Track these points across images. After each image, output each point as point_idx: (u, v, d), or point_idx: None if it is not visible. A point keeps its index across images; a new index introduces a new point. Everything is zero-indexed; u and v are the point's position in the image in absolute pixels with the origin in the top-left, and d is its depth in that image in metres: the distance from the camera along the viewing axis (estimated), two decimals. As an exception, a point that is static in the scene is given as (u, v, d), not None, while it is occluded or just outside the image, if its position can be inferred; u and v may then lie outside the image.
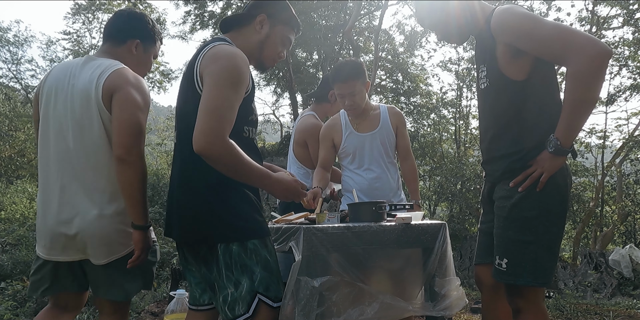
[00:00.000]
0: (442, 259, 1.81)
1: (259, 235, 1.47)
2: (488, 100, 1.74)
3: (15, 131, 21.28)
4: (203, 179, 1.46)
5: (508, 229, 1.64)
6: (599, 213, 12.05)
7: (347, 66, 2.47)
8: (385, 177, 2.55)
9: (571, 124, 1.52)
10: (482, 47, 1.72)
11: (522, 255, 1.60)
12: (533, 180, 1.58)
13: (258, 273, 1.42)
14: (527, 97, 1.61)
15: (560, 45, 1.47)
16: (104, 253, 1.69)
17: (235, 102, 1.42)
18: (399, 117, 2.63)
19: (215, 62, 1.43)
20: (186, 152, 1.48)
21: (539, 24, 1.51)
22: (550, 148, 1.55)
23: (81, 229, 1.65)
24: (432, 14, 1.81)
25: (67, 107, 1.71)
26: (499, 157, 1.71)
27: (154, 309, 4.06)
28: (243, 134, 1.53)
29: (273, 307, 1.44)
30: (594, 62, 1.42)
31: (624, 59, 11.61)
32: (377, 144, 2.56)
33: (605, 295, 6.61)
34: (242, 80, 1.44)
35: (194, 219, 1.46)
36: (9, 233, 10.35)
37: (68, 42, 20.79)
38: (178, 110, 1.59)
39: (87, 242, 1.67)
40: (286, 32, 1.69)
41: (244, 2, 14.35)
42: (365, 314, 1.56)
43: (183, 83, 1.55)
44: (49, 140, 1.74)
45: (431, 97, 16.63)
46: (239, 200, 1.47)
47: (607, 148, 12.34)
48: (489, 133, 1.77)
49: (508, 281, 1.62)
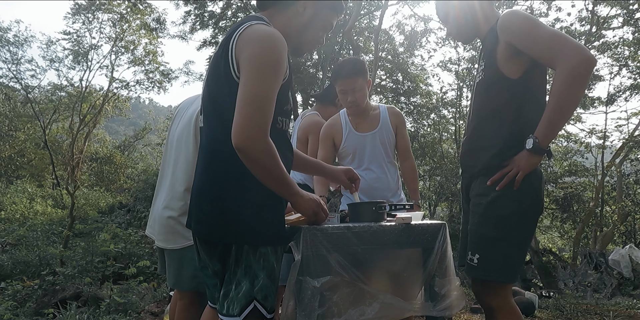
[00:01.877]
0: (442, 259, 1.81)
1: (273, 243, 1.39)
2: (479, 92, 1.81)
3: (15, 131, 21.28)
4: (230, 174, 1.37)
5: (482, 226, 1.71)
6: (599, 213, 12.06)
7: (350, 63, 2.49)
8: (385, 177, 2.54)
9: (551, 125, 1.60)
10: (487, 46, 1.80)
11: (493, 252, 1.68)
12: (509, 179, 1.66)
13: (261, 279, 1.36)
14: (515, 94, 1.70)
15: (553, 48, 1.57)
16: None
17: (275, 92, 1.31)
18: (399, 117, 2.62)
19: (253, 46, 1.31)
20: (215, 143, 1.40)
21: (538, 26, 1.62)
22: (528, 146, 1.62)
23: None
24: (441, 11, 1.93)
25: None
26: (478, 148, 1.79)
27: (154, 309, 4.06)
28: (277, 125, 1.42)
29: (266, 318, 1.38)
30: (580, 67, 1.52)
31: (624, 59, 11.62)
32: (377, 143, 2.55)
33: (605, 295, 6.61)
34: (281, 66, 1.32)
35: (212, 215, 1.38)
36: (9, 233, 10.35)
37: (68, 42, 20.81)
38: (208, 96, 1.45)
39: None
40: (330, 17, 1.55)
41: (244, 2, 14.34)
42: (366, 314, 1.55)
43: (214, 67, 1.41)
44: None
45: (431, 97, 16.63)
46: (263, 202, 1.38)
47: (607, 148, 12.35)
48: (472, 124, 1.84)
49: (478, 276, 1.70)
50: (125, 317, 3.91)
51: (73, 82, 22.05)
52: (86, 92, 21.45)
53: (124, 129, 44.60)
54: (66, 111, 21.85)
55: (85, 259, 6.38)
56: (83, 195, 15.88)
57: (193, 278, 2.03)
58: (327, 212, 1.51)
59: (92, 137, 23.88)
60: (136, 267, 5.39)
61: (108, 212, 14.29)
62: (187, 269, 2.03)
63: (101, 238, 7.24)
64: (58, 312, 4.21)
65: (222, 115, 1.36)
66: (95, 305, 4.48)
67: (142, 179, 16.20)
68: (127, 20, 20.34)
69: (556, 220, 13.18)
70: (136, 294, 4.78)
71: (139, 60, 21.66)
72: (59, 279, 5.85)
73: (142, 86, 22.18)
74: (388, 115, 2.59)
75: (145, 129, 26.31)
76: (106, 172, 21.79)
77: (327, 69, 14.72)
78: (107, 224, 10.92)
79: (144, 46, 21.51)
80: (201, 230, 1.42)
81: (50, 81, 36.70)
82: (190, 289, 2.06)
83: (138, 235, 8.51)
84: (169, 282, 2.15)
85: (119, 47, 21.34)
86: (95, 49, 21.32)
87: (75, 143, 21.24)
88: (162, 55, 24.32)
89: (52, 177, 20.80)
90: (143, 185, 13.85)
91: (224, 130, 1.34)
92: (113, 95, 22.63)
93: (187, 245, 2.01)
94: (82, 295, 4.83)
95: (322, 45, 1.63)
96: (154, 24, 19.44)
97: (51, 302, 4.74)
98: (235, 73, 1.33)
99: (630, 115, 12.62)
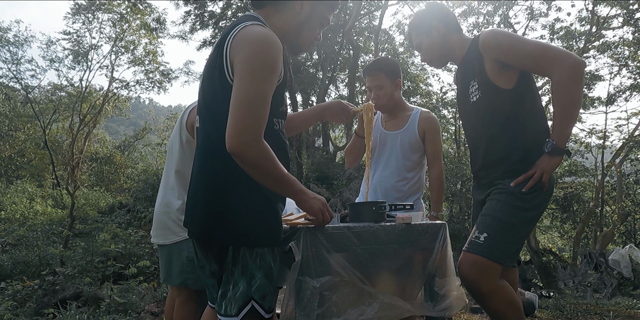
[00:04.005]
0: (442, 259, 1.81)
1: (269, 244, 1.39)
2: (481, 109, 1.90)
3: (15, 131, 21.29)
4: (225, 175, 1.36)
5: (498, 211, 1.80)
6: (599, 213, 12.05)
7: (380, 60, 2.52)
8: (394, 179, 2.49)
9: (563, 125, 1.74)
10: (469, 66, 1.91)
11: (502, 235, 1.77)
12: (535, 181, 1.76)
13: (258, 279, 1.35)
14: (516, 102, 1.81)
15: (543, 60, 1.71)
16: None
17: (269, 94, 1.30)
18: (430, 122, 2.51)
19: (246, 48, 1.29)
20: (210, 144, 1.39)
21: (522, 42, 1.76)
22: (547, 149, 1.75)
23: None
24: (415, 38, 2.07)
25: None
26: (499, 159, 1.87)
27: (154, 309, 4.06)
28: (274, 127, 1.41)
29: (264, 318, 1.38)
30: (574, 70, 1.68)
31: (624, 59, 11.61)
32: (397, 144, 2.51)
33: (605, 295, 6.61)
34: (275, 69, 1.31)
35: (208, 216, 1.37)
36: (9, 233, 10.35)
37: (68, 42, 20.82)
38: (204, 98, 1.44)
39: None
40: (326, 12, 1.54)
41: (244, 2, 14.33)
42: (366, 314, 1.55)
43: (209, 68, 1.41)
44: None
45: (431, 97, 16.63)
46: (259, 203, 1.37)
47: (607, 148, 12.34)
48: (483, 140, 1.93)
49: (481, 253, 1.75)
50: (125, 317, 3.91)
51: (73, 82, 22.10)
52: (86, 92, 21.46)
53: (124, 129, 44.58)
54: (66, 111, 21.86)
55: (85, 259, 6.38)
56: (83, 195, 15.88)
57: (181, 273, 2.10)
58: (332, 213, 1.49)
59: (92, 137, 23.89)
60: (136, 267, 5.38)
61: (108, 212, 14.29)
62: (176, 264, 2.11)
63: (101, 238, 7.23)
64: (58, 312, 4.21)
65: (216, 116, 1.35)
66: (95, 305, 4.48)
67: (142, 179, 16.19)
68: (127, 20, 20.35)
69: (556, 220, 13.16)
70: (136, 294, 4.78)
71: (139, 60, 21.67)
72: (59, 279, 5.85)
73: (142, 86, 22.22)
74: (418, 119, 2.52)
75: (145, 129, 26.31)
76: (106, 172, 21.79)
77: (327, 69, 14.71)
78: (107, 224, 10.91)
79: (144, 46, 21.54)
80: (197, 231, 1.42)
81: (50, 81, 36.69)
82: (179, 284, 2.12)
83: (138, 235, 8.50)
84: (161, 277, 2.23)
85: (119, 47, 21.36)
86: (95, 49, 21.35)
87: (75, 143, 21.25)
88: (162, 55, 24.40)
89: (52, 177, 20.80)
90: (143, 185, 13.83)
91: (217, 131, 1.34)
92: (113, 95, 22.64)
93: (176, 241, 2.09)
94: (82, 295, 4.83)
95: (319, 42, 1.61)
96: (154, 24, 19.47)
97: (51, 302, 4.74)
98: (230, 75, 1.32)
99: (630, 115, 12.63)
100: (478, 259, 1.75)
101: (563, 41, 11.58)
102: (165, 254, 2.15)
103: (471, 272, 1.76)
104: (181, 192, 2.09)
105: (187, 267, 2.07)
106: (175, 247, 2.10)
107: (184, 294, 2.14)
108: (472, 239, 1.81)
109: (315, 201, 1.44)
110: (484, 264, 1.74)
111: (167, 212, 2.11)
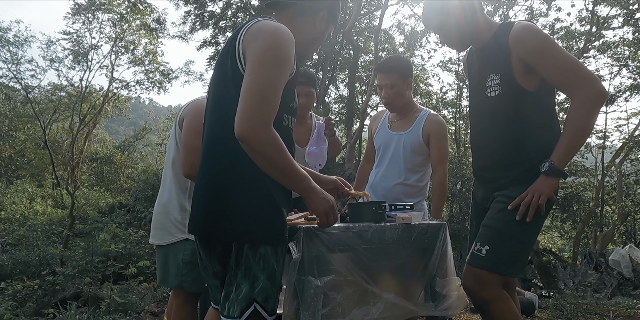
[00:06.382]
0: (443, 259, 1.81)
1: (273, 242, 1.37)
2: (498, 108, 1.80)
3: (15, 131, 21.27)
4: (227, 173, 1.35)
5: (499, 221, 1.74)
6: (599, 213, 12.05)
7: (393, 59, 2.51)
8: (394, 180, 2.48)
9: (568, 150, 1.67)
10: (494, 57, 1.78)
11: (504, 247, 1.72)
12: (533, 207, 1.68)
13: (261, 281, 1.34)
14: (537, 106, 1.73)
15: (573, 75, 1.63)
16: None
17: (281, 84, 1.29)
18: (436, 125, 2.45)
19: (260, 38, 1.30)
20: (214, 142, 1.38)
21: (554, 49, 1.65)
22: (543, 168, 1.67)
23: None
24: (438, 18, 1.87)
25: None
26: (509, 163, 1.79)
27: (154, 309, 4.06)
28: (283, 123, 1.39)
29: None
30: (599, 98, 1.62)
31: (624, 59, 11.61)
32: (401, 145, 2.48)
33: (605, 295, 6.61)
34: (288, 60, 1.30)
35: (211, 214, 1.36)
36: (9, 233, 10.35)
37: (68, 42, 20.80)
38: (212, 93, 1.44)
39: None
40: (330, 29, 1.60)
41: (244, 2, 14.33)
42: (371, 314, 1.55)
43: (221, 62, 1.40)
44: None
45: (431, 97, 16.64)
46: (261, 201, 1.35)
47: (607, 148, 12.35)
48: (492, 138, 1.84)
49: (483, 266, 1.72)
50: (125, 317, 3.90)
51: (73, 82, 22.05)
52: (86, 92, 21.44)
53: (124, 129, 44.57)
54: (66, 111, 21.84)
55: (85, 259, 6.37)
56: (83, 195, 15.86)
57: (177, 275, 2.06)
58: (337, 217, 1.43)
59: (92, 137, 23.86)
60: (136, 267, 5.39)
61: (108, 212, 14.27)
62: (172, 266, 2.08)
63: (101, 238, 7.23)
64: (58, 312, 4.21)
65: (224, 111, 1.35)
66: (95, 305, 4.48)
67: (142, 179, 16.17)
68: (127, 21, 20.33)
69: (556, 220, 13.17)
70: (136, 294, 4.78)
71: (139, 60, 21.65)
72: (59, 279, 5.84)
73: (142, 86, 22.19)
74: (424, 122, 2.47)
75: (145, 129, 26.29)
76: (106, 172, 21.77)
77: (327, 69, 14.71)
78: (107, 224, 10.90)
79: (144, 46, 21.52)
80: (201, 228, 1.41)
81: (50, 81, 36.64)
82: (175, 286, 2.10)
83: (138, 235, 8.50)
84: (157, 279, 2.21)
85: (119, 47, 21.34)
86: (95, 49, 21.32)
87: (75, 143, 21.23)
88: (162, 55, 24.36)
89: (52, 177, 20.78)
90: (143, 185, 13.81)
91: (223, 127, 1.33)
92: (113, 95, 22.62)
93: (172, 242, 2.07)
94: (82, 295, 4.83)
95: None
96: (154, 24, 19.47)
97: (51, 302, 4.74)
98: (242, 65, 1.33)
99: (630, 115, 12.66)
100: (481, 272, 1.73)
101: (563, 41, 11.57)
102: (162, 255, 2.13)
103: (474, 285, 1.75)
104: (178, 192, 2.09)
105: (183, 269, 2.04)
106: (171, 248, 2.08)
107: (182, 296, 2.12)
108: (474, 252, 1.77)
109: (323, 202, 1.39)
110: (486, 277, 1.72)
111: (164, 212, 2.09)
